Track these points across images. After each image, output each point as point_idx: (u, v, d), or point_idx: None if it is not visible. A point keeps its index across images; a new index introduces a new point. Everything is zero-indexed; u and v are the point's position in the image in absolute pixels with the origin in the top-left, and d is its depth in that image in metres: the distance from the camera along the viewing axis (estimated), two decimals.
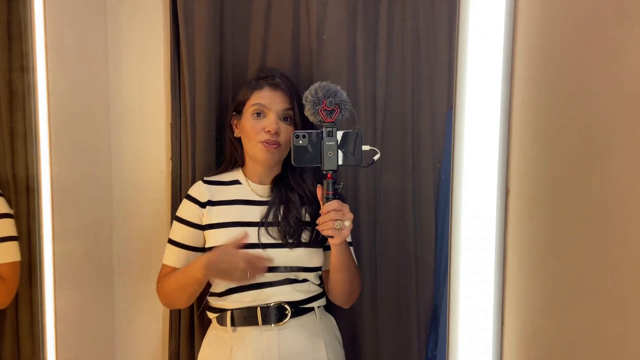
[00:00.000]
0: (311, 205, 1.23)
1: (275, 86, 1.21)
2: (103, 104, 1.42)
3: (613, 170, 0.65)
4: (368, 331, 1.38)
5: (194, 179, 1.37)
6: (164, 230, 1.43)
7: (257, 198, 1.23)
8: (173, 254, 1.24)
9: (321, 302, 1.26)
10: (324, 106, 1.07)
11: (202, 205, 1.22)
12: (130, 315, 1.48)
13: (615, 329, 0.65)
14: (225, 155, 1.33)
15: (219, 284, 1.21)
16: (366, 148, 1.10)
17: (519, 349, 0.87)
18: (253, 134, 1.19)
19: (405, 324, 1.38)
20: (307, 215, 1.23)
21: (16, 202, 1.18)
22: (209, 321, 1.31)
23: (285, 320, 1.17)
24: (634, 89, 0.60)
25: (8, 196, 1.18)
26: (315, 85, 1.09)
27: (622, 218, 0.63)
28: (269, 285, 1.18)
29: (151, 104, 1.43)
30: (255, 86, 1.22)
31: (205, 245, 1.21)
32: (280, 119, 1.20)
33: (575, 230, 0.75)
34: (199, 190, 1.24)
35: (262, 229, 1.19)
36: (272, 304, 1.18)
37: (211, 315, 1.25)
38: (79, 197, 1.32)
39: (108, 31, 1.42)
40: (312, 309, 1.23)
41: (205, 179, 1.26)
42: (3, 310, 1.20)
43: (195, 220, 1.22)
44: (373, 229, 1.37)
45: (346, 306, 1.27)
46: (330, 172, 1.09)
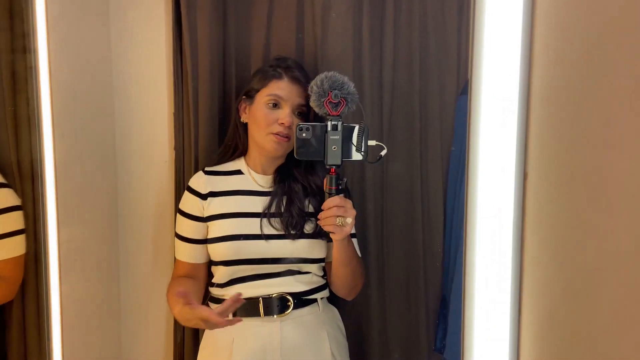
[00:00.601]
0: (315, 196, 1.21)
1: (295, 79, 1.18)
2: (107, 90, 1.40)
3: (637, 155, 0.62)
4: (376, 322, 1.37)
5: (197, 168, 1.35)
6: (168, 219, 1.42)
7: (260, 188, 1.22)
8: (182, 248, 1.24)
9: (324, 294, 1.25)
10: (329, 98, 1.04)
11: (203, 197, 1.20)
12: (135, 305, 1.48)
13: (637, 317, 0.63)
14: (228, 139, 1.29)
15: (221, 275, 1.19)
16: (372, 143, 1.07)
17: (537, 337, 0.86)
18: (265, 124, 1.16)
19: (414, 314, 1.37)
20: (311, 206, 1.21)
21: (21, 189, 1.17)
22: None
23: (288, 312, 1.16)
24: None
25: (14, 184, 1.17)
26: (321, 76, 1.06)
27: None
28: (271, 276, 1.17)
29: (155, 92, 1.41)
30: (274, 75, 1.18)
31: (208, 236, 1.20)
32: (294, 113, 1.17)
33: (596, 216, 0.73)
34: (200, 182, 1.22)
35: (265, 220, 1.17)
36: (275, 295, 1.17)
37: (213, 306, 1.24)
38: (83, 184, 1.31)
39: (111, 17, 1.40)
40: (315, 300, 1.22)
41: (206, 169, 1.24)
42: (10, 301, 1.20)
43: (197, 213, 1.21)
44: (380, 219, 1.36)
45: (349, 298, 1.26)
46: (334, 167, 1.07)
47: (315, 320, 1.20)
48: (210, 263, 1.24)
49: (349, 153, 1.07)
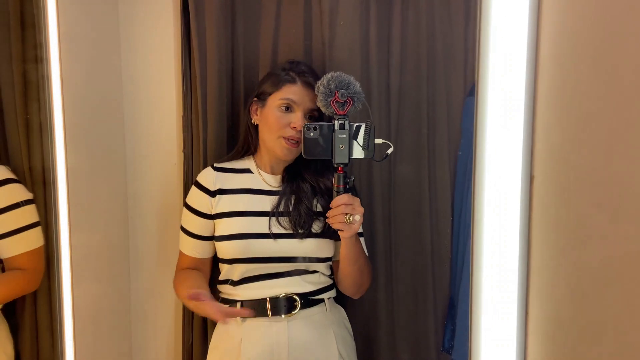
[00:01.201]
0: (323, 195, 1.22)
1: (308, 84, 1.18)
2: (116, 95, 1.42)
3: None
4: (384, 322, 1.37)
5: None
6: (178, 222, 1.43)
7: (268, 187, 1.23)
8: (187, 242, 1.25)
9: (331, 294, 1.25)
10: (336, 98, 1.05)
11: (212, 194, 1.21)
12: (146, 306, 1.49)
13: None
14: (238, 140, 1.31)
15: (230, 272, 1.20)
16: (379, 141, 1.08)
17: (544, 339, 0.86)
18: (276, 127, 1.17)
19: (422, 314, 1.37)
20: (319, 205, 1.22)
21: (33, 194, 1.19)
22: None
23: (295, 312, 1.17)
24: None
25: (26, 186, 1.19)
26: (328, 76, 1.07)
27: None
28: (279, 275, 1.18)
29: (163, 96, 1.43)
30: (288, 79, 1.19)
31: (215, 234, 1.21)
32: (306, 118, 1.18)
33: (602, 219, 0.73)
34: (209, 178, 1.23)
35: (273, 219, 1.18)
36: (282, 295, 1.17)
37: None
38: (94, 189, 1.32)
39: (120, 23, 1.41)
40: (322, 300, 1.22)
41: (216, 165, 1.25)
42: (22, 301, 1.21)
43: (205, 209, 1.21)
44: (388, 220, 1.36)
45: (356, 297, 1.27)
46: (341, 166, 1.08)
47: (323, 320, 1.21)
48: (217, 260, 1.25)
49: (356, 152, 1.08)
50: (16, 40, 1.16)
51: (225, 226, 1.19)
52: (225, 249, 1.19)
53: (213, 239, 1.22)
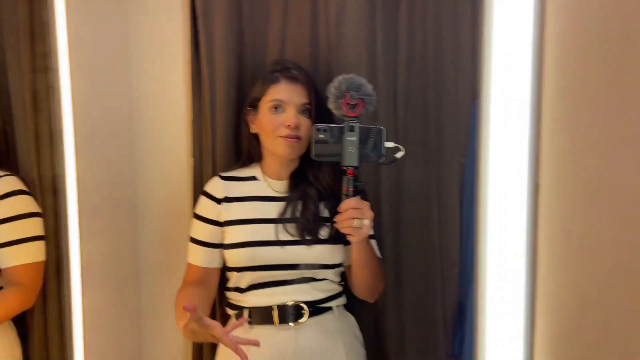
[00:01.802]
0: (330, 200, 1.21)
1: (292, 79, 1.18)
2: (125, 102, 1.43)
3: None
4: (392, 328, 1.36)
5: (215, 175, 1.36)
6: (187, 229, 1.44)
7: (275, 194, 1.22)
8: (194, 252, 1.24)
9: (340, 302, 1.24)
10: (346, 100, 1.04)
11: (219, 201, 1.21)
12: (156, 315, 1.49)
13: None
14: (242, 151, 1.31)
15: (237, 281, 1.20)
16: (390, 145, 1.07)
17: (551, 350, 0.85)
18: (272, 129, 1.17)
19: (431, 320, 1.36)
20: (326, 210, 1.21)
21: (42, 203, 1.20)
22: (224, 320, 1.31)
23: (303, 320, 1.16)
24: None
25: (35, 196, 1.20)
26: (339, 78, 1.07)
27: None
28: (286, 283, 1.17)
29: (172, 102, 1.43)
30: (272, 80, 1.19)
31: (224, 242, 1.21)
32: (299, 113, 1.18)
33: (609, 227, 0.72)
34: (215, 186, 1.23)
35: (280, 226, 1.18)
36: (290, 303, 1.17)
37: (229, 312, 1.25)
38: (104, 197, 1.33)
39: (129, 30, 1.43)
40: (331, 308, 1.21)
41: (222, 174, 1.25)
42: (32, 310, 1.22)
43: (213, 216, 1.21)
44: (396, 224, 1.35)
45: (371, 300, 1.25)
46: (351, 169, 1.07)
47: (331, 329, 1.19)
48: (225, 268, 1.25)
49: (366, 155, 1.07)
50: (25, 50, 1.18)
51: (232, 234, 1.19)
52: (233, 257, 1.18)
53: (222, 246, 1.22)
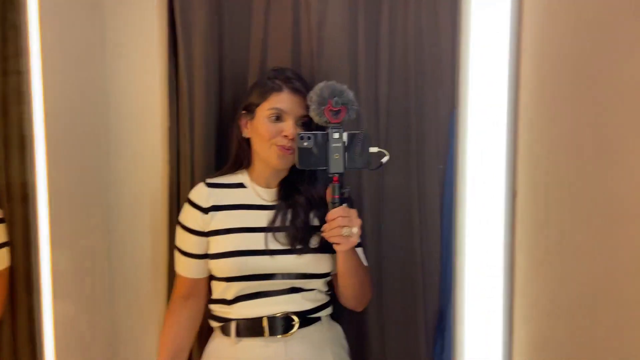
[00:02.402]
0: (319, 209, 1.19)
1: (295, 90, 1.16)
2: (101, 107, 1.40)
3: (624, 171, 0.62)
4: (374, 336, 1.36)
5: (193, 183, 1.34)
6: (162, 236, 1.41)
7: (264, 202, 1.20)
8: (182, 263, 1.22)
9: (328, 311, 1.23)
10: (329, 106, 1.04)
11: (205, 211, 1.18)
12: (130, 323, 1.46)
13: (629, 335, 0.62)
14: (230, 155, 1.29)
15: (224, 292, 1.17)
16: (374, 150, 1.07)
17: (529, 357, 0.85)
18: (269, 137, 1.14)
19: (412, 328, 1.36)
20: (316, 219, 1.19)
21: (11, 209, 1.16)
22: (209, 331, 1.28)
23: (292, 331, 1.14)
24: None
25: (3, 205, 1.16)
26: (320, 85, 1.06)
27: (635, 220, 0.60)
28: (275, 293, 1.15)
29: (148, 108, 1.40)
30: (274, 88, 1.16)
31: (209, 251, 1.18)
32: (297, 124, 1.16)
33: (586, 234, 0.73)
34: (201, 195, 1.20)
35: (270, 235, 1.16)
36: (279, 314, 1.15)
37: (214, 324, 1.22)
38: (76, 204, 1.30)
39: (105, 33, 1.40)
40: (319, 318, 1.20)
41: (208, 181, 1.22)
42: (0, 320, 1.18)
43: (199, 227, 1.19)
44: (378, 231, 1.35)
45: (358, 309, 1.24)
46: (337, 175, 1.06)
47: (320, 339, 1.18)
48: (210, 278, 1.22)
49: (351, 161, 1.06)
50: None
51: (220, 243, 1.16)
52: (221, 267, 1.16)
53: (208, 257, 1.20)
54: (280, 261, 1.14)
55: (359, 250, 1.21)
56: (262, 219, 1.18)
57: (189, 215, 1.20)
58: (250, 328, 1.14)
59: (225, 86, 1.38)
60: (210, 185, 1.21)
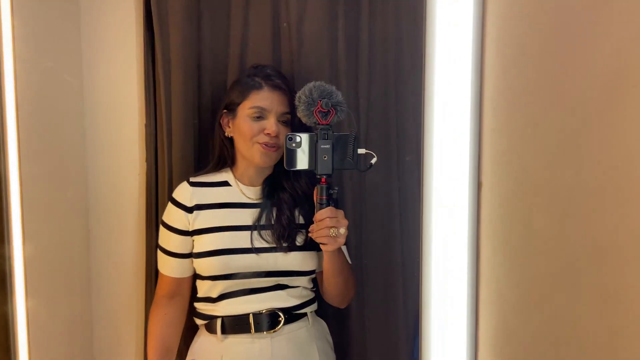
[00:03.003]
0: (304, 206, 1.20)
1: (276, 87, 1.16)
2: (76, 102, 1.38)
3: (589, 163, 0.62)
4: (356, 333, 1.36)
5: (171, 181, 1.34)
6: (141, 233, 1.41)
7: (248, 200, 1.20)
8: (166, 262, 1.21)
9: (313, 308, 1.23)
10: (319, 107, 1.03)
11: (189, 210, 1.18)
12: (108, 322, 1.45)
13: (594, 327, 0.62)
14: (210, 153, 1.29)
15: (209, 290, 1.17)
16: (362, 151, 1.07)
17: (494, 350, 0.84)
18: (251, 136, 1.14)
19: (393, 324, 1.36)
20: (301, 217, 1.19)
21: None
22: (190, 328, 1.28)
23: (278, 328, 1.14)
24: (608, 79, 0.58)
25: None
26: (309, 85, 1.05)
27: (599, 213, 0.60)
28: (261, 290, 1.15)
29: (126, 103, 1.39)
30: (254, 86, 1.16)
31: (194, 250, 1.17)
32: (279, 122, 1.16)
33: (551, 226, 0.73)
34: (185, 194, 1.19)
35: (255, 233, 1.15)
36: (265, 311, 1.14)
37: (199, 322, 1.21)
38: (51, 198, 1.28)
39: (81, 27, 1.38)
40: (305, 314, 1.20)
41: (191, 180, 1.21)
42: None
43: (183, 227, 1.18)
44: (359, 229, 1.35)
45: (342, 306, 1.25)
46: (325, 177, 1.06)
47: (306, 335, 1.18)
48: (195, 277, 1.22)
49: (339, 162, 1.06)
50: None
51: (204, 242, 1.15)
52: (206, 266, 1.15)
53: (191, 256, 1.19)
54: (266, 259, 1.14)
55: (343, 248, 1.21)
56: (247, 217, 1.17)
57: (173, 215, 1.19)
58: (236, 325, 1.14)
59: (203, 83, 1.36)
60: (194, 184, 1.20)
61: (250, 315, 1.14)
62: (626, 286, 0.56)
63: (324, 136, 1.04)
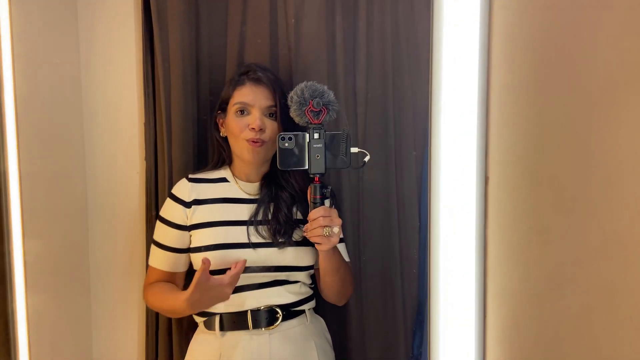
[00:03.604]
0: (302, 203, 1.20)
1: (257, 81, 1.17)
2: (75, 100, 1.38)
3: (594, 157, 0.63)
4: (354, 330, 1.36)
5: (171, 179, 1.33)
6: (139, 231, 1.40)
7: (245, 196, 1.20)
8: (159, 256, 1.20)
9: (311, 304, 1.23)
10: (310, 107, 1.03)
11: (187, 205, 1.18)
12: (108, 318, 1.44)
13: (599, 319, 0.63)
14: (212, 155, 1.29)
15: None
16: (355, 150, 1.07)
17: (502, 342, 0.85)
18: (237, 132, 1.15)
19: (392, 321, 1.36)
20: (299, 213, 1.20)
21: None
22: (189, 325, 1.27)
23: (276, 324, 1.14)
24: (613, 74, 0.58)
25: None
26: (301, 85, 1.05)
27: (605, 205, 0.61)
28: (259, 286, 1.15)
29: (125, 102, 1.38)
30: (237, 82, 1.18)
31: (192, 245, 1.17)
32: (265, 115, 1.16)
33: (557, 219, 0.73)
34: (184, 189, 1.20)
35: (252, 228, 1.15)
36: (263, 307, 1.15)
37: (198, 319, 1.21)
38: (51, 195, 1.27)
39: (79, 24, 1.37)
40: (303, 311, 1.20)
41: (190, 176, 1.22)
42: None
43: (180, 221, 1.18)
44: (357, 225, 1.35)
45: (340, 304, 1.25)
46: (318, 176, 1.06)
47: (304, 332, 1.18)
48: (194, 273, 1.22)
49: (332, 161, 1.06)
50: None
51: (202, 237, 1.16)
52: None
53: (188, 251, 1.19)
54: (263, 254, 1.14)
55: (341, 245, 1.21)
56: (245, 212, 1.18)
57: (170, 209, 1.19)
58: (234, 321, 1.14)
59: (202, 82, 1.36)
60: (193, 180, 1.21)
61: (249, 312, 1.14)
62: (633, 280, 0.57)
63: (316, 135, 1.05)
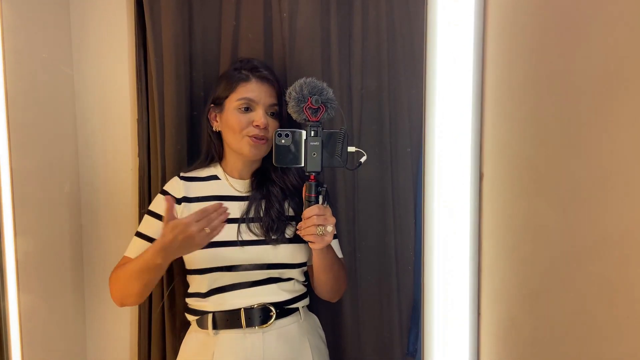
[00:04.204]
0: (293, 199, 1.19)
1: (263, 79, 1.16)
2: (68, 97, 1.36)
3: (589, 154, 0.62)
4: (350, 327, 1.36)
5: (164, 176, 1.32)
6: (133, 228, 1.39)
7: (237, 193, 1.19)
8: (138, 247, 1.16)
9: (305, 302, 1.23)
10: (309, 104, 1.02)
11: (178, 201, 1.17)
12: (101, 316, 1.44)
13: (595, 317, 0.62)
14: (201, 149, 1.28)
15: (199, 284, 1.16)
16: (352, 149, 1.06)
17: (497, 340, 0.85)
18: (239, 129, 1.14)
19: (387, 318, 1.36)
20: (290, 209, 1.19)
21: None
22: (182, 324, 1.27)
23: (270, 322, 1.14)
24: (610, 69, 0.58)
25: None
26: (300, 82, 1.04)
27: (601, 203, 0.60)
28: (252, 284, 1.14)
29: (117, 98, 1.38)
30: (241, 78, 1.16)
31: None
32: (267, 114, 1.15)
33: (552, 216, 0.73)
34: (175, 186, 1.19)
35: (243, 225, 1.15)
36: (256, 305, 1.14)
37: (190, 318, 1.20)
38: (43, 193, 1.26)
39: (72, 20, 1.36)
40: (297, 309, 1.19)
41: (182, 174, 1.21)
42: None
43: None
44: (352, 222, 1.35)
45: (333, 300, 1.25)
46: (313, 174, 1.05)
47: (298, 330, 1.18)
48: (186, 272, 1.21)
49: (328, 159, 1.05)
50: None
51: None
52: (193, 259, 1.14)
53: None
54: (254, 252, 1.13)
55: (335, 242, 1.20)
56: (236, 209, 1.17)
57: (160, 204, 1.18)
58: (227, 320, 1.13)
59: (195, 77, 1.35)
60: (184, 178, 1.20)
61: (242, 310, 1.13)
62: (630, 278, 0.57)
63: (313, 133, 1.04)
